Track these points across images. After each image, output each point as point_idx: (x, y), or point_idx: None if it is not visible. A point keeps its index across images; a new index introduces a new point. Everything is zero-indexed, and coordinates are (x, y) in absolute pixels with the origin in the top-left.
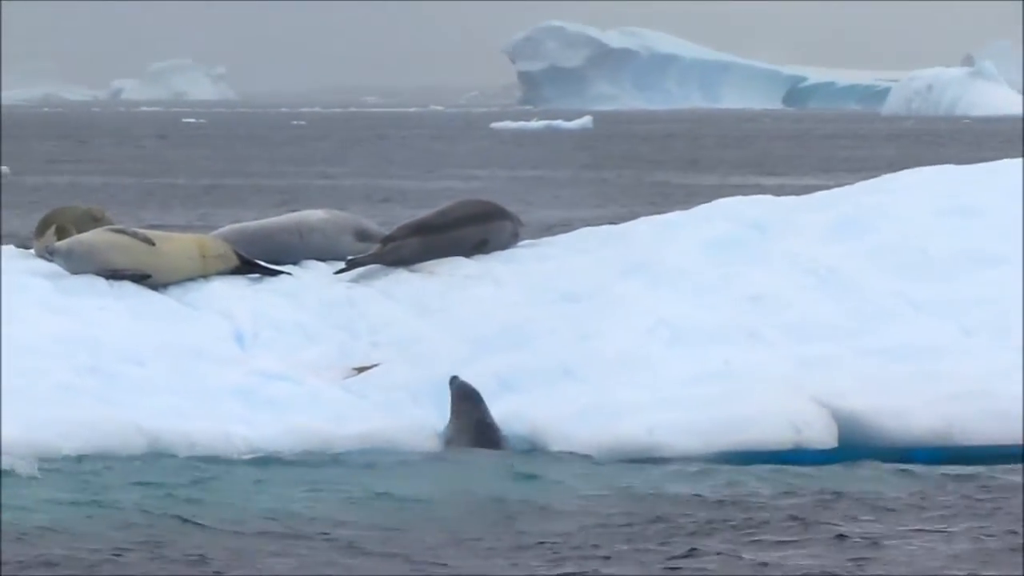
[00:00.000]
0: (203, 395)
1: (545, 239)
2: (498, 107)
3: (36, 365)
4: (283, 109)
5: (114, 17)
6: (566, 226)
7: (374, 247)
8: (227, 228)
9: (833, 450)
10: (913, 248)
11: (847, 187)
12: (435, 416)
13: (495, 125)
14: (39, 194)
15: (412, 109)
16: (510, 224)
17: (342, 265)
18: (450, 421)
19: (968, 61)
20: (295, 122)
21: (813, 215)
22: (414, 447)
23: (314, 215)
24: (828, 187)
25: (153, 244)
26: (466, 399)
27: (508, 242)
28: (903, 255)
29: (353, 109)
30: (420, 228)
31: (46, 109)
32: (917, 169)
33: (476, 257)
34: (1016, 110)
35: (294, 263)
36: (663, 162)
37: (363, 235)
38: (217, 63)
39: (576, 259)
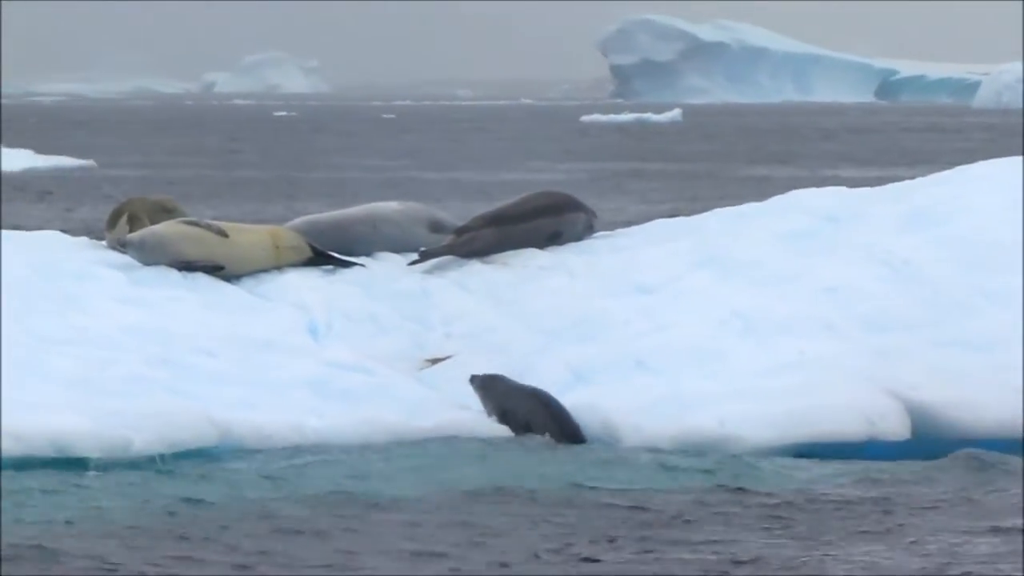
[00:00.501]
0: (275, 386)
1: (619, 231)
2: (590, 100)
3: (107, 356)
4: (375, 103)
5: (208, 10)
6: (646, 220)
7: (448, 238)
8: (300, 220)
9: (906, 442)
10: (987, 239)
11: (920, 178)
12: None
13: (585, 118)
14: (121, 186)
15: (503, 102)
16: (584, 216)
17: (415, 256)
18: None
19: None
20: (385, 115)
21: (886, 206)
22: (486, 438)
23: (388, 206)
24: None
25: (226, 235)
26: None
27: (582, 234)
28: (977, 246)
29: (444, 103)
30: (494, 219)
31: (138, 101)
32: (991, 160)
33: (550, 248)
34: None
35: (367, 255)
36: (751, 155)
37: (437, 226)
38: (310, 56)
39: (649, 251)
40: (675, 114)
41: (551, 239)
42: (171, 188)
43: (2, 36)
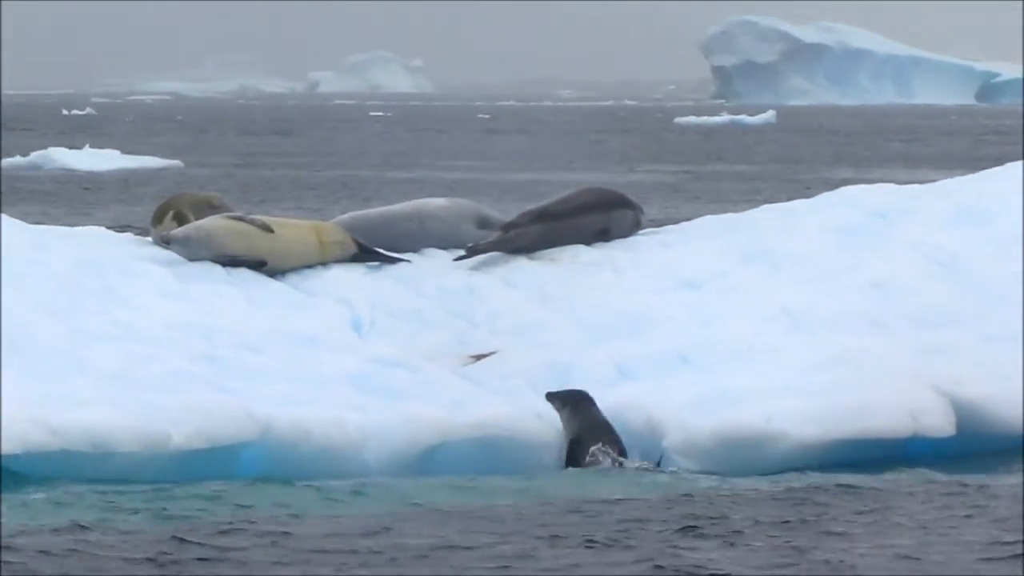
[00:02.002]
0: (317, 382)
1: (667, 227)
2: (691, 101)
3: (149, 351)
4: (478, 102)
5: (315, 10)
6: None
7: (494, 234)
8: (347, 216)
9: (951, 439)
10: None
11: (970, 175)
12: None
13: (679, 120)
14: (202, 187)
15: (608, 103)
16: (632, 212)
17: (462, 252)
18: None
19: None
20: (480, 115)
21: (935, 203)
22: (531, 436)
23: (434, 202)
24: None
25: (271, 231)
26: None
27: (630, 230)
28: None
29: (548, 103)
30: (541, 215)
31: (240, 101)
32: None
33: (597, 245)
34: None
35: (414, 250)
36: (835, 158)
37: (484, 222)
38: (415, 56)
39: (697, 247)
40: (769, 116)
41: (598, 236)
42: (247, 188)
43: (101, 36)
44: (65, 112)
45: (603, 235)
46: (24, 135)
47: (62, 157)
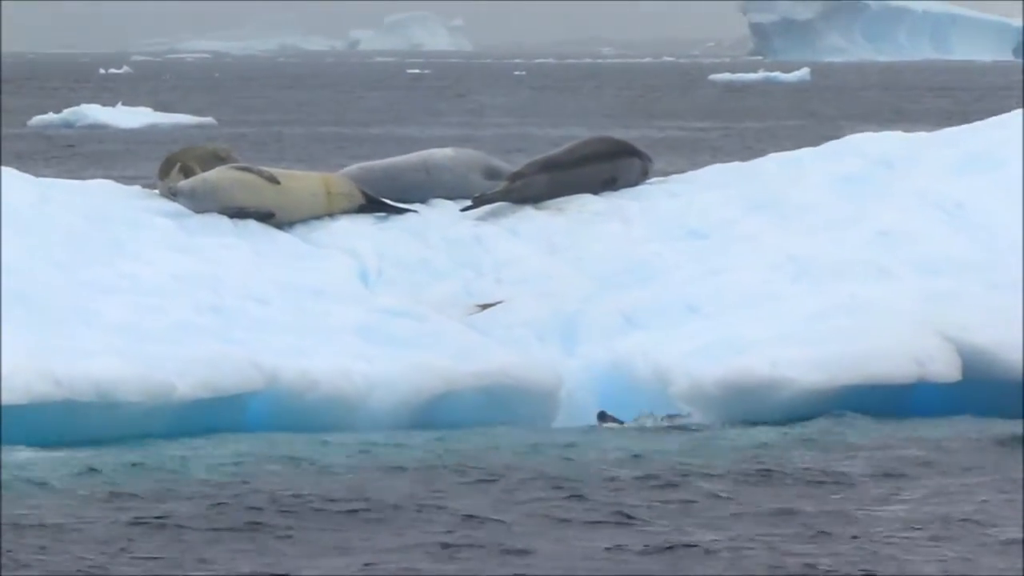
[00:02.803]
0: (324, 333)
1: (674, 176)
2: (729, 58)
3: (156, 303)
4: (517, 60)
5: None
6: None
7: (501, 184)
8: (354, 167)
9: (956, 384)
10: None
11: (975, 123)
12: (559, 353)
13: (713, 76)
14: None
15: (645, 60)
16: (639, 162)
17: (469, 203)
18: None
19: None
20: (516, 72)
21: (941, 151)
22: (537, 385)
23: (441, 152)
24: None
25: (278, 182)
26: None
27: (637, 179)
28: None
29: (588, 60)
30: (548, 165)
31: (281, 59)
32: None
33: (604, 194)
34: None
35: (421, 201)
36: (864, 114)
37: (491, 173)
38: (456, 15)
39: (705, 196)
40: (803, 73)
41: (606, 185)
42: (275, 144)
43: None
44: (103, 71)
45: (610, 184)
46: (59, 93)
47: (94, 113)
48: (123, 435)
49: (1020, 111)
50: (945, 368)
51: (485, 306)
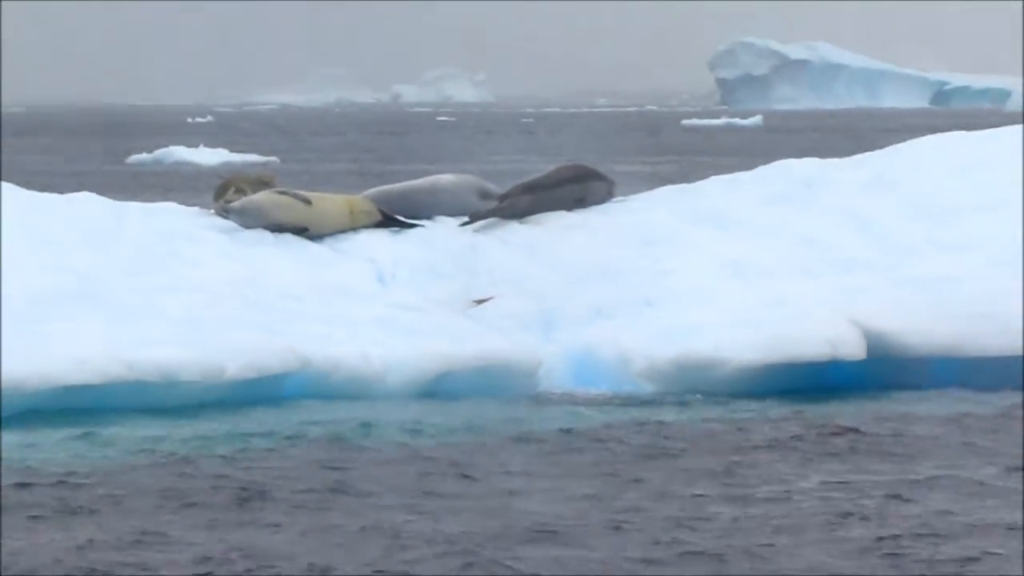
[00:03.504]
0: (348, 324)
1: (632, 196)
2: (701, 107)
3: (211, 300)
4: (528, 109)
5: (399, 30)
6: None
7: (492, 204)
8: (374, 190)
9: (862, 361)
10: (933, 198)
11: (881, 150)
12: (540, 339)
13: (684, 122)
14: (286, 177)
15: (632, 109)
16: (605, 184)
17: (467, 219)
18: None
19: None
20: (524, 120)
21: (852, 172)
22: (520, 364)
23: (444, 178)
24: None
25: (310, 203)
26: None
27: (603, 199)
28: (925, 203)
29: (586, 109)
30: (530, 188)
31: (337, 109)
32: (939, 134)
33: (576, 211)
34: None
35: (428, 218)
36: (800, 151)
37: (484, 194)
38: (479, 70)
39: (658, 211)
40: (757, 119)
41: (577, 203)
42: (323, 176)
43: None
44: (190, 119)
45: (580, 203)
46: (151, 137)
47: (180, 153)
48: (183, 408)
49: (915, 140)
50: (854, 349)
51: (479, 301)
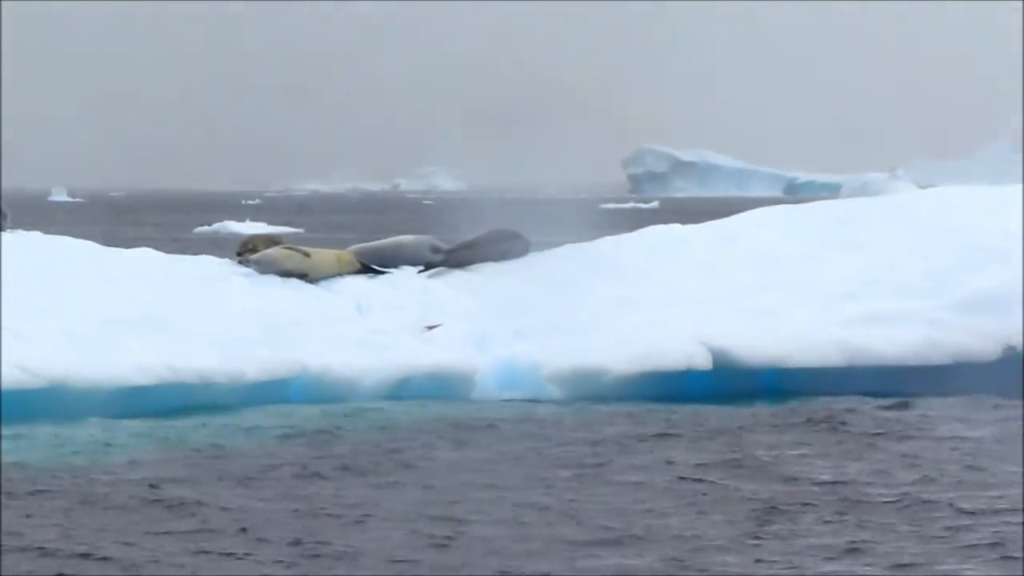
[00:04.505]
0: (336, 342)
1: (543, 252)
2: (615, 196)
3: (236, 325)
4: (493, 195)
5: (401, 135)
6: None
7: (441, 257)
8: (355, 247)
9: (709, 372)
10: (764, 251)
11: (728, 218)
12: (475, 354)
13: (602, 206)
14: (311, 242)
15: (569, 196)
16: (524, 242)
17: (423, 267)
18: None
19: (892, 170)
20: (485, 203)
21: (704, 233)
22: (460, 372)
23: (407, 238)
24: None
25: (309, 256)
26: None
27: (521, 253)
28: (756, 256)
29: (532, 195)
30: (468, 245)
31: (353, 196)
32: (771, 208)
33: (502, 261)
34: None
35: (395, 267)
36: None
37: (436, 250)
38: (456, 167)
39: (563, 262)
40: (655, 204)
41: (502, 256)
42: (335, 240)
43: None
44: (244, 201)
45: (505, 256)
46: (214, 214)
47: (232, 226)
48: (214, 404)
49: (752, 211)
50: (703, 362)
51: (431, 327)
